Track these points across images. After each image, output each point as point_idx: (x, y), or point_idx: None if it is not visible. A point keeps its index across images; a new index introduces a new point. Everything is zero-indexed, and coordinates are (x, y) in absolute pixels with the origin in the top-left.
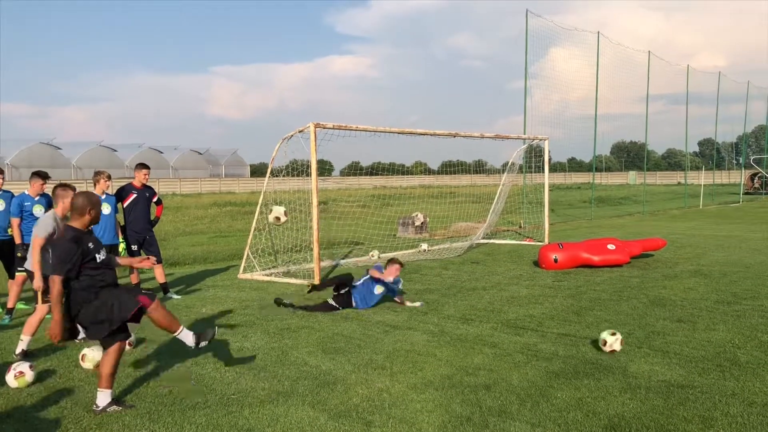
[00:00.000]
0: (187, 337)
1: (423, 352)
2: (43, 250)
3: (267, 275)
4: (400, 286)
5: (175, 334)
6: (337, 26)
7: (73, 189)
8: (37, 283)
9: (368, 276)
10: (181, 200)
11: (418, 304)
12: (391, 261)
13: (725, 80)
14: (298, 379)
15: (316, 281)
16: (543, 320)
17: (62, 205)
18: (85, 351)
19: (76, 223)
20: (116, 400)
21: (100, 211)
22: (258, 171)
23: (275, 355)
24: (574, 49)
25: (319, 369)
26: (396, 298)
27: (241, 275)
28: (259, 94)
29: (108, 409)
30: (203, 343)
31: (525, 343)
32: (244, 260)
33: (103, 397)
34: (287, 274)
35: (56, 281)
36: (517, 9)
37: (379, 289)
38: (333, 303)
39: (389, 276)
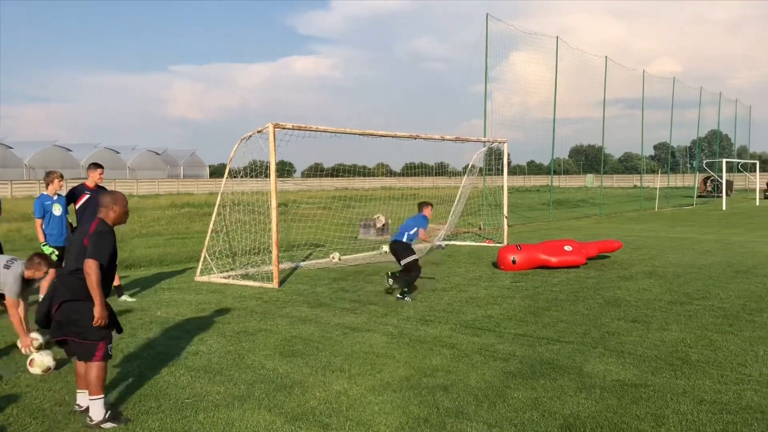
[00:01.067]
0: None
1: (382, 353)
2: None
3: (225, 278)
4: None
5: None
6: (299, 27)
7: (51, 263)
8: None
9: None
10: (137, 201)
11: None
12: (426, 204)
13: (680, 86)
14: (254, 382)
15: (275, 285)
16: (501, 321)
17: (32, 271)
18: (34, 355)
19: (108, 219)
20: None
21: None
22: (217, 172)
23: (231, 358)
24: (533, 54)
25: (276, 372)
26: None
27: (198, 278)
28: (220, 94)
29: (104, 425)
30: None
31: (483, 344)
32: (201, 262)
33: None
34: (245, 276)
35: (95, 267)
36: (479, 13)
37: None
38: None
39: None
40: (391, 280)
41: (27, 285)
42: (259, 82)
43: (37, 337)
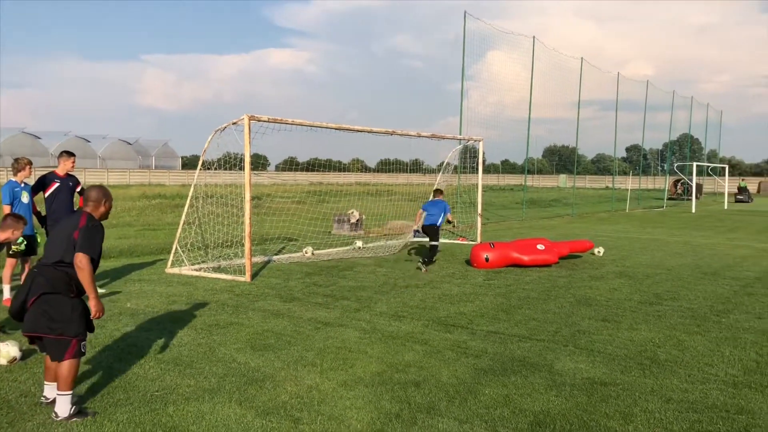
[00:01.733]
0: None
1: (354, 349)
2: None
3: (196, 270)
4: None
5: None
6: (276, 19)
7: (25, 222)
8: None
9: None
10: None
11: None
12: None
13: (652, 89)
14: (225, 376)
15: (248, 278)
16: (473, 318)
17: (8, 232)
18: (0, 345)
19: (96, 214)
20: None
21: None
22: (190, 163)
23: (202, 351)
24: (510, 53)
25: (247, 366)
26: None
27: (169, 269)
28: (194, 85)
29: (69, 421)
30: None
31: (455, 341)
32: (172, 254)
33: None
34: (217, 269)
35: (87, 261)
36: (457, 11)
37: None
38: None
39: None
40: (422, 265)
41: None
42: (233, 74)
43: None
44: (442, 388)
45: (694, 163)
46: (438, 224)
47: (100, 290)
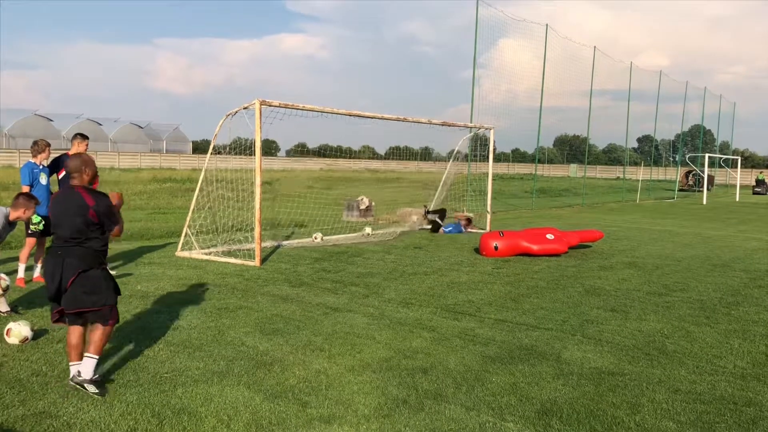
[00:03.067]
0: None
1: (362, 334)
2: None
3: (206, 254)
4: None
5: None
6: (288, 4)
7: (37, 201)
8: None
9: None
10: (119, 175)
11: None
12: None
13: (666, 80)
14: (234, 359)
15: (257, 263)
16: (481, 306)
17: (19, 211)
18: (11, 325)
19: (84, 183)
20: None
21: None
22: (200, 148)
23: (211, 334)
24: (522, 41)
25: (256, 349)
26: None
27: (179, 253)
28: (206, 69)
29: (87, 385)
30: None
31: (463, 328)
32: (182, 237)
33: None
34: (227, 253)
35: (118, 228)
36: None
37: None
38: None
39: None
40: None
41: (10, 226)
42: (245, 59)
43: (4, 278)
44: (449, 374)
45: (707, 155)
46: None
47: (111, 272)
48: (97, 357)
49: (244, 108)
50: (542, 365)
